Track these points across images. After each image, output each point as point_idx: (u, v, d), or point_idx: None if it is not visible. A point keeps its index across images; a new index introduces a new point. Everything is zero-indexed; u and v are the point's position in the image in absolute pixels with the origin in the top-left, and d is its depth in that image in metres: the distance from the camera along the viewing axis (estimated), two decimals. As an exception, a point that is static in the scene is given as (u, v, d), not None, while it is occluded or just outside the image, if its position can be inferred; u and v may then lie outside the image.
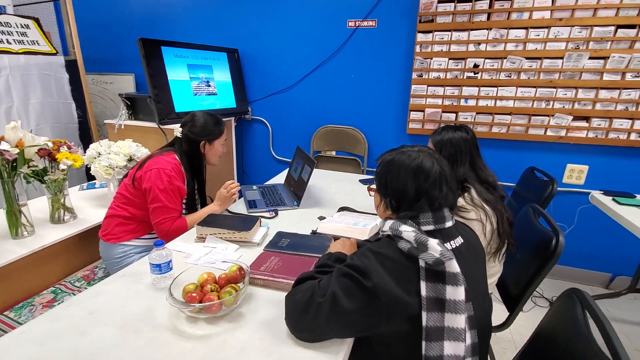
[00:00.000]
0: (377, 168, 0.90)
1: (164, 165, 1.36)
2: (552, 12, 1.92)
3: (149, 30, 2.78)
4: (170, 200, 1.35)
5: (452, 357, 0.71)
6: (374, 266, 0.73)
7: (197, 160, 1.49)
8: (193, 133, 1.45)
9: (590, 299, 0.84)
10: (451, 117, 2.24)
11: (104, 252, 1.46)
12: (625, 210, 1.64)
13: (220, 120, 1.52)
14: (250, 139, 2.84)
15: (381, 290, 0.70)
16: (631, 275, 2.09)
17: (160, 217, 1.35)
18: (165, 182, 1.33)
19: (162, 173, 1.34)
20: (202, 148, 1.47)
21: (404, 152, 0.85)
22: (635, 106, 1.93)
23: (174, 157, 1.43)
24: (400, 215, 0.81)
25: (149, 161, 1.39)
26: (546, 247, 1.21)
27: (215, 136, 1.49)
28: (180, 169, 1.42)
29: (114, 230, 1.42)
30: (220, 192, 1.49)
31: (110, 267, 1.44)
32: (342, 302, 0.72)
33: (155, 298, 0.94)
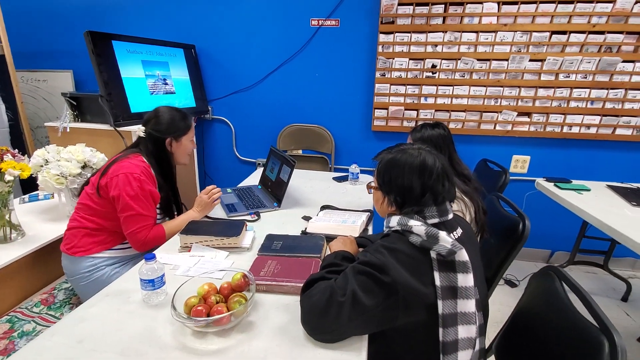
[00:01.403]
0: (377, 167, 0.92)
1: (132, 169, 1.24)
2: (498, 18, 2.12)
3: (90, 22, 2.51)
4: (143, 207, 1.24)
5: (466, 339, 0.76)
6: (390, 261, 0.75)
7: (167, 160, 1.38)
8: (158, 130, 1.33)
9: (567, 274, 0.95)
10: (412, 114, 2.37)
11: (69, 266, 1.30)
12: (566, 194, 1.88)
13: (187, 115, 1.41)
14: (211, 140, 2.72)
15: (399, 284, 0.73)
16: (568, 250, 2.40)
17: (135, 226, 1.23)
18: (136, 188, 1.22)
19: (131, 178, 1.22)
20: (168, 146, 1.36)
21: (404, 151, 0.88)
22: (566, 103, 2.21)
23: (142, 159, 1.31)
24: (406, 211, 0.85)
25: (114, 166, 1.26)
26: (514, 231, 1.34)
27: (182, 132, 1.38)
28: (150, 171, 1.31)
29: (81, 243, 1.28)
30: (200, 197, 1.41)
31: (77, 282, 1.29)
32: (362, 300, 0.73)
33: (152, 316, 0.87)
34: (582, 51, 2.11)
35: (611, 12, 2.01)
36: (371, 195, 1.79)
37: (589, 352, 0.74)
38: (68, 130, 1.96)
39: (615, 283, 2.28)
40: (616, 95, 2.15)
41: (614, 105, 2.17)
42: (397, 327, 0.78)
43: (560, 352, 0.82)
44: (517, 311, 1.06)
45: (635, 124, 2.18)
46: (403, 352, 0.81)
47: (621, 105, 2.16)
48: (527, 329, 0.98)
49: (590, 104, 2.19)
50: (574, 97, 2.19)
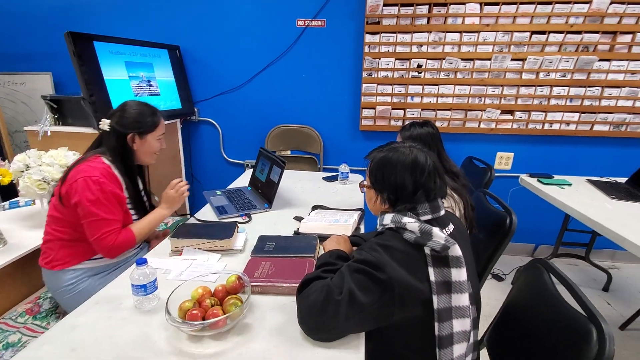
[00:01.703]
0: (369, 165, 0.93)
1: (90, 172, 1.16)
2: (480, 19, 2.17)
3: (70, 23, 2.44)
4: (106, 211, 1.16)
5: (461, 333, 0.78)
6: (385, 259, 0.76)
7: (128, 157, 1.28)
8: (121, 125, 1.24)
9: (554, 266, 0.99)
10: (399, 113, 2.40)
11: (50, 281, 1.25)
12: (549, 189, 1.94)
13: (156, 111, 1.32)
14: (198, 142, 2.68)
15: (395, 281, 0.74)
16: (551, 244, 2.48)
17: (99, 232, 1.15)
18: (96, 192, 1.14)
19: (90, 182, 1.14)
20: (130, 142, 1.25)
21: (396, 149, 0.89)
22: (547, 101, 2.28)
23: (101, 160, 1.22)
24: (399, 209, 0.86)
25: (72, 171, 1.18)
26: (501, 226, 1.38)
27: (148, 129, 1.28)
28: (112, 172, 1.22)
29: (59, 255, 1.22)
30: (167, 193, 1.34)
31: (61, 296, 1.25)
32: (359, 298, 0.74)
33: (146, 322, 0.85)
34: (561, 50, 2.18)
35: (587, 12, 2.09)
36: (362, 194, 1.81)
37: (577, 340, 0.77)
38: (49, 134, 1.90)
39: (596, 274, 2.37)
40: (593, 92, 2.23)
41: (591, 102, 2.25)
42: (394, 323, 0.78)
43: (550, 342, 0.85)
44: (507, 304, 1.09)
45: (612, 121, 2.27)
46: (400, 348, 0.82)
47: (598, 103, 2.25)
48: (517, 320, 1.00)
49: (569, 101, 2.27)
50: (553, 95, 2.26)
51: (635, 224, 1.50)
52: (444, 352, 0.76)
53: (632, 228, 1.45)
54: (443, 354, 0.76)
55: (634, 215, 1.60)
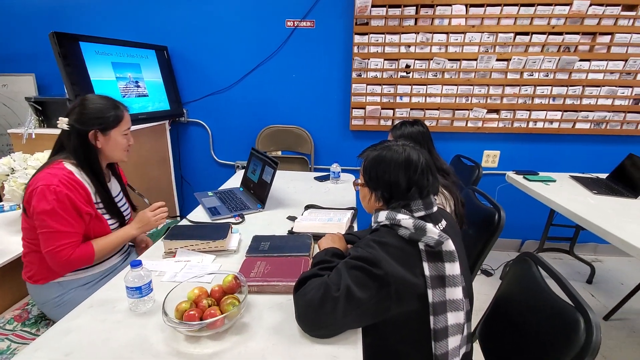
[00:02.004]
0: (363, 164, 0.94)
1: (48, 180, 1.06)
2: (466, 20, 2.22)
3: (53, 23, 2.39)
4: (63, 222, 1.07)
5: (455, 325, 0.80)
6: (381, 255, 0.77)
7: (92, 156, 1.17)
8: (81, 122, 1.13)
9: (542, 259, 1.02)
10: (389, 113, 2.43)
11: (35, 295, 1.21)
12: (534, 185, 2.00)
13: (119, 104, 1.22)
14: (187, 143, 2.66)
15: (391, 276, 0.75)
16: (537, 239, 2.55)
17: (53, 244, 1.07)
18: (52, 202, 1.04)
19: (47, 191, 1.05)
20: (92, 140, 1.15)
21: (389, 147, 0.90)
22: (531, 100, 2.35)
23: (62, 165, 1.12)
24: (393, 206, 0.87)
25: (32, 180, 1.10)
26: (490, 222, 1.41)
27: (111, 124, 1.17)
28: (74, 178, 1.12)
29: (40, 269, 1.16)
30: (145, 213, 1.23)
31: (48, 309, 1.20)
32: (356, 294, 0.75)
33: (142, 324, 0.84)
34: (544, 51, 2.24)
35: (568, 14, 2.16)
36: (353, 193, 1.82)
37: (566, 330, 0.79)
38: (33, 137, 1.86)
39: (581, 267, 2.44)
40: (575, 92, 2.31)
41: (573, 101, 2.33)
42: (390, 318, 0.80)
43: (539, 333, 0.87)
44: (497, 297, 1.12)
45: (593, 119, 2.35)
46: (396, 342, 0.83)
47: (579, 101, 2.32)
48: (508, 313, 1.03)
49: (552, 100, 2.34)
50: (537, 94, 2.33)
51: (616, 217, 1.56)
52: (439, 344, 0.78)
53: (613, 222, 1.51)
54: (438, 346, 0.78)
55: (615, 209, 1.66)
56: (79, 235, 1.12)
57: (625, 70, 2.24)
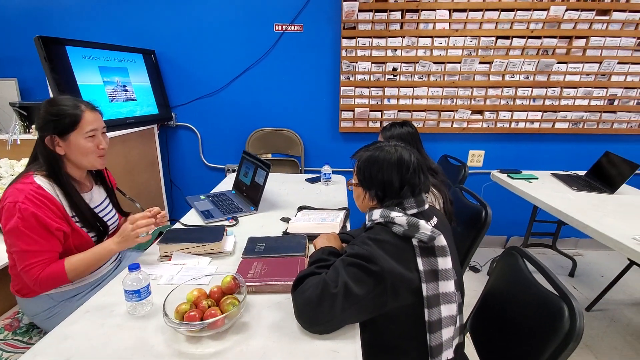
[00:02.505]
0: (357, 164, 0.97)
1: (15, 196, 1.00)
2: (450, 24, 2.29)
3: (36, 27, 2.34)
4: (29, 241, 1.00)
5: (448, 317, 0.84)
6: (377, 251, 0.80)
7: (57, 164, 1.09)
8: (38, 127, 1.07)
9: (528, 252, 1.07)
10: (377, 115, 2.47)
11: (25, 308, 1.18)
12: (518, 183, 2.08)
13: (79, 104, 1.10)
14: (176, 147, 2.64)
15: (387, 272, 0.78)
16: (521, 235, 2.63)
17: (23, 263, 1.01)
18: (16, 220, 0.98)
19: (12, 209, 0.99)
20: (49, 145, 1.07)
21: (381, 148, 0.94)
22: (513, 101, 2.43)
23: (32, 179, 1.05)
24: (387, 204, 0.90)
25: (4, 193, 1.04)
26: (478, 219, 1.47)
27: (67, 126, 1.06)
28: (43, 192, 1.04)
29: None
30: (124, 227, 1.12)
31: (39, 321, 1.18)
32: (354, 290, 0.78)
33: (141, 327, 0.85)
34: (524, 54, 2.33)
35: (546, 19, 2.25)
36: (345, 194, 1.85)
37: (551, 318, 0.84)
38: (19, 143, 1.82)
39: (563, 261, 2.54)
40: (554, 93, 2.40)
41: (552, 102, 2.43)
42: (386, 312, 0.83)
43: (527, 323, 0.91)
44: (486, 291, 1.16)
45: (571, 119, 2.45)
46: (393, 336, 0.86)
47: (558, 102, 2.42)
48: (497, 304, 1.08)
49: (533, 101, 2.43)
50: (518, 95, 2.41)
51: (595, 212, 1.64)
52: (433, 336, 0.82)
53: (592, 216, 1.58)
54: (433, 337, 0.82)
55: (593, 204, 1.75)
56: (50, 253, 1.05)
57: (600, 72, 2.35)
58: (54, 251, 1.06)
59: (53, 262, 1.05)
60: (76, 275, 1.09)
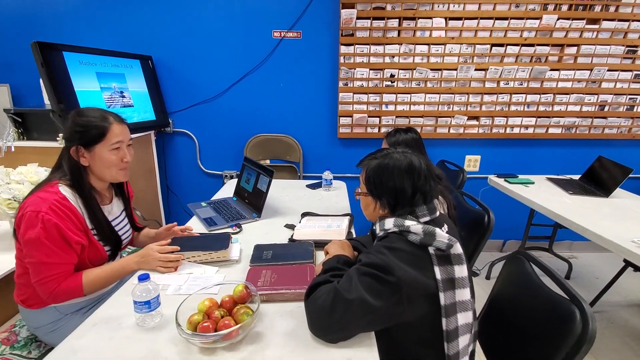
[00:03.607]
0: (364, 173, 0.95)
1: (37, 205, 0.97)
2: (446, 32, 2.33)
3: (29, 32, 2.30)
4: (49, 253, 0.98)
5: (464, 325, 0.83)
6: (393, 261, 0.79)
7: (80, 175, 1.09)
8: (64, 137, 1.08)
9: (535, 256, 1.08)
10: (375, 121, 2.49)
11: (29, 320, 1.15)
12: (515, 187, 2.11)
13: (108, 116, 1.10)
14: (173, 154, 2.61)
15: (403, 281, 0.76)
16: (518, 239, 2.67)
17: (39, 276, 0.99)
18: (38, 231, 0.96)
19: (34, 218, 0.96)
20: (74, 157, 1.06)
21: (390, 155, 0.92)
22: (507, 107, 2.48)
23: (57, 188, 1.03)
24: (399, 213, 0.89)
25: (26, 200, 1.02)
26: (480, 224, 1.48)
27: (93, 138, 1.06)
28: (67, 204, 1.02)
29: (36, 294, 1.06)
30: (151, 249, 1.12)
31: (42, 334, 1.14)
32: (368, 300, 0.76)
33: (152, 339, 0.83)
34: (517, 61, 2.39)
35: (538, 27, 2.31)
36: (347, 200, 1.85)
37: (562, 322, 0.85)
38: (13, 150, 1.78)
39: (559, 264, 2.58)
40: (547, 99, 2.46)
41: (545, 108, 2.48)
42: (402, 321, 0.82)
43: (536, 327, 0.91)
44: (493, 295, 1.17)
45: (564, 124, 2.51)
46: (409, 344, 0.86)
47: (551, 108, 2.48)
48: (505, 309, 1.08)
49: (527, 107, 2.48)
50: (513, 101, 2.46)
51: (592, 215, 1.67)
52: (451, 345, 0.81)
53: (590, 219, 1.61)
54: (451, 347, 0.81)
55: (590, 208, 1.78)
56: (68, 265, 1.03)
57: (590, 79, 2.42)
58: (71, 264, 1.05)
59: (69, 275, 1.04)
60: (92, 290, 1.08)
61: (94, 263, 1.12)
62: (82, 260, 1.09)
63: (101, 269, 1.10)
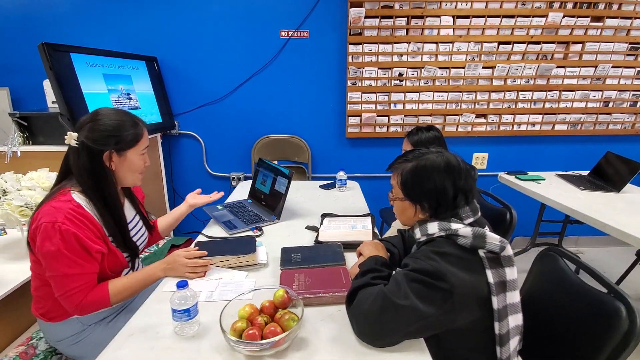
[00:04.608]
0: (399, 177, 0.90)
1: (52, 216, 0.92)
2: (454, 30, 2.33)
3: (28, 34, 2.23)
4: (71, 264, 0.93)
5: (515, 328, 0.81)
6: (445, 267, 0.76)
7: (105, 180, 1.03)
8: (93, 140, 0.98)
9: (569, 252, 1.07)
10: (384, 120, 2.48)
11: (50, 333, 1.10)
12: (527, 184, 2.12)
13: (138, 121, 1.08)
14: (179, 156, 2.56)
15: (456, 287, 0.74)
16: (527, 235, 2.68)
17: (63, 289, 0.95)
18: (57, 242, 0.91)
19: (50, 229, 0.91)
20: (106, 161, 1.02)
21: (424, 156, 0.88)
22: (514, 104, 2.49)
23: (70, 197, 0.98)
24: (442, 216, 0.85)
25: (39, 211, 0.96)
26: (502, 221, 1.48)
27: (128, 143, 1.04)
28: (83, 212, 0.98)
29: (56, 306, 1.02)
30: (179, 256, 1.09)
31: (64, 347, 1.09)
32: (419, 307, 0.74)
33: (194, 349, 0.80)
34: (524, 59, 2.40)
35: (544, 25, 2.33)
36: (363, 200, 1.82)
37: (607, 319, 0.83)
38: (19, 155, 1.72)
39: (567, 259, 2.60)
40: (553, 96, 2.48)
41: (552, 105, 2.50)
42: (453, 328, 0.79)
43: (578, 324, 0.89)
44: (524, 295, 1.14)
45: (569, 121, 2.54)
46: (459, 349, 0.83)
47: (557, 105, 2.50)
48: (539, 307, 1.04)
49: (533, 104, 2.50)
50: (520, 99, 2.48)
51: (608, 210, 1.68)
52: (504, 349, 0.79)
53: (607, 215, 1.62)
54: (503, 350, 0.79)
55: (604, 203, 1.80)
56: (91, 275, 0.99)
57: (595, 76, 2.45)
58: (94, 273, 1.00)
59: (95, 286, 1.00)
60: (118, 300, 1.03)
61: (114, 271, 1.08)
62: (102, 269, 1.04)
63: (127, 278, 1.06)
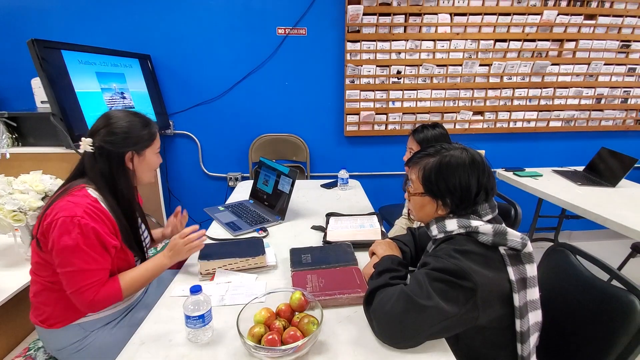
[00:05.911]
0: (421, 172, 0.88)
1: (71, 210, 0.92)
2: (451, 28, 2.33)
3: (12, 30, 2.14)
4: (88, 259, 0.93)
5: (534, 324, 0.81)
6: (466, 264, 0.74)
7: (124, 181, 1.05)
8: (112, 143, 1.00)
9: (580, 248, 1.08)
10: (382, 118, 2.47)
11: (50, 341, 1.05)
12: (525, 180, 2.14)
13: (150, 121, 1.10)
14: (175, 157, 2.50)
15: (479, 285, 0.73)
16: (523, 230, 2.71)
17: (78, 285, 0.93)
18: (76, 237, 0.90)
19: (70, 224, 0.90)
20: (129, 163, 1.04)
21: (448, 152, 0.87)
22: (510, 102, 2.52)
23: (86, 192, 0.98)
24: (461, 213, 0.84)
25: (49, 209, 0.95)
26: (507, 217, 1.48)
27: (146, 143, 1.06)
28: (100, 207, 0.98)
29: (57, 312, 1.00)
30: (175, 241, 1.08)
31: (66, 355, 1.04)
32: (443, 307, 0.73)
33: (211, 356, 0.77)
34: (520, 56, 2.42)
35: (539, 22, 2.35)
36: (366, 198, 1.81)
37: (620, 313, 0.84)
38: (8, 157, 1.64)
39: (562, 254, 2.64)
40: (548, 93, 2.51)
41: (546, 102, 2.53)
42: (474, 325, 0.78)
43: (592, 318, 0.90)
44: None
45: (563, 117, 2.58)
46: (478, 346, 0.83)
47: (552, 102, 2.54)
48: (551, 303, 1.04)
49: (529, 101, 2.53)
50: (516, 96, 2.50)
51: (607, 205, 1.71)
52: (524, 346, 0.78)
53: (607, 209, 1.65)
54: (524, 348, 0.78)
55: (601, 198, 1.82)
56: (105, 272, 0.98)
57: (588, 73, 2.49)
58: (107, 269, 0.99)
59: (106, 281, 0.98)
60: (129, 293, 1.02)
61: (121, 270, 1.05)
62: (112, 268, 1.02)
63: (135, 270, 1.05)
